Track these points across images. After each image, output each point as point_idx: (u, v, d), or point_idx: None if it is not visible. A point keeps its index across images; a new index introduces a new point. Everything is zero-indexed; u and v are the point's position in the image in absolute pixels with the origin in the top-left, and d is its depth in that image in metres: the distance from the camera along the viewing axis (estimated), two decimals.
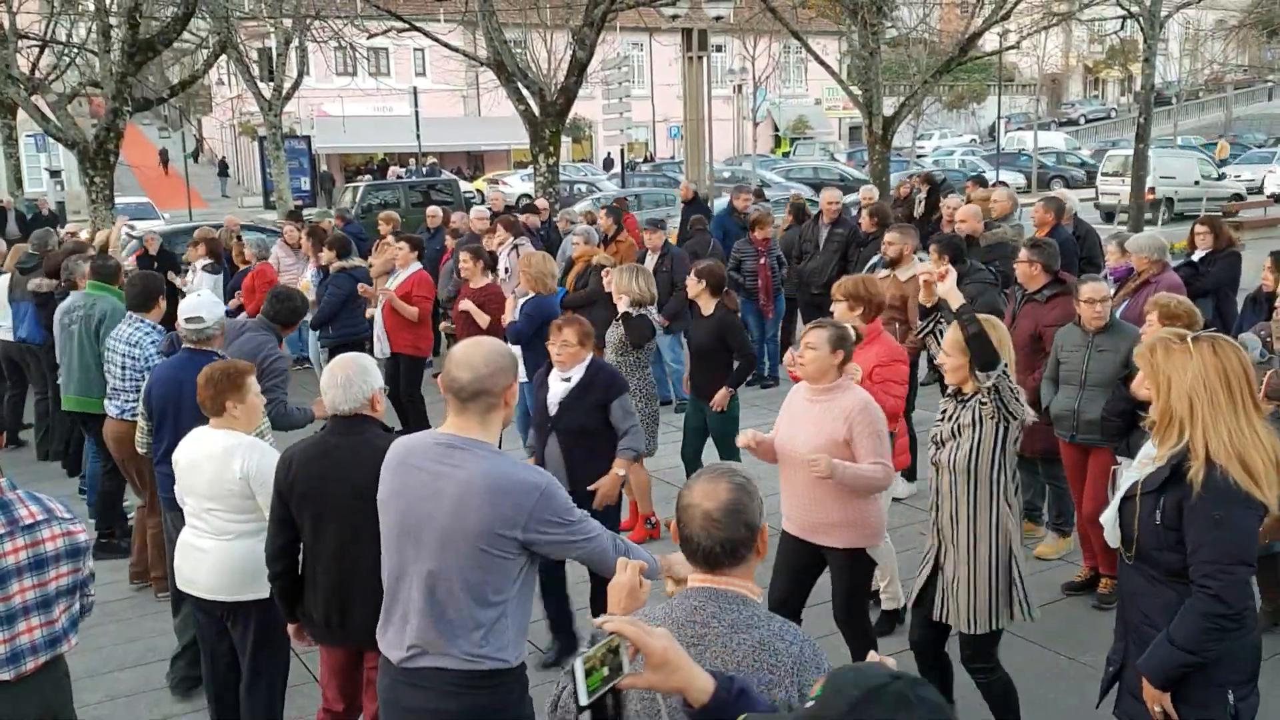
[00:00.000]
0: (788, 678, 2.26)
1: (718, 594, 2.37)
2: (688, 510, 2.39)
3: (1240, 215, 26.17)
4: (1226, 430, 3.09)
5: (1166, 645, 3.19)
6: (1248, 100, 63.14)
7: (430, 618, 3.09)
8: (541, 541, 3.10)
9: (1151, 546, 3.22)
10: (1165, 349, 3.22)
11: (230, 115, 49.19)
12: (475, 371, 3.10)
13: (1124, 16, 26.37)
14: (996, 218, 9.98)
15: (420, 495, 3.11)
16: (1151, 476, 3.21)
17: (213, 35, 21.37)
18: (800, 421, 4.67)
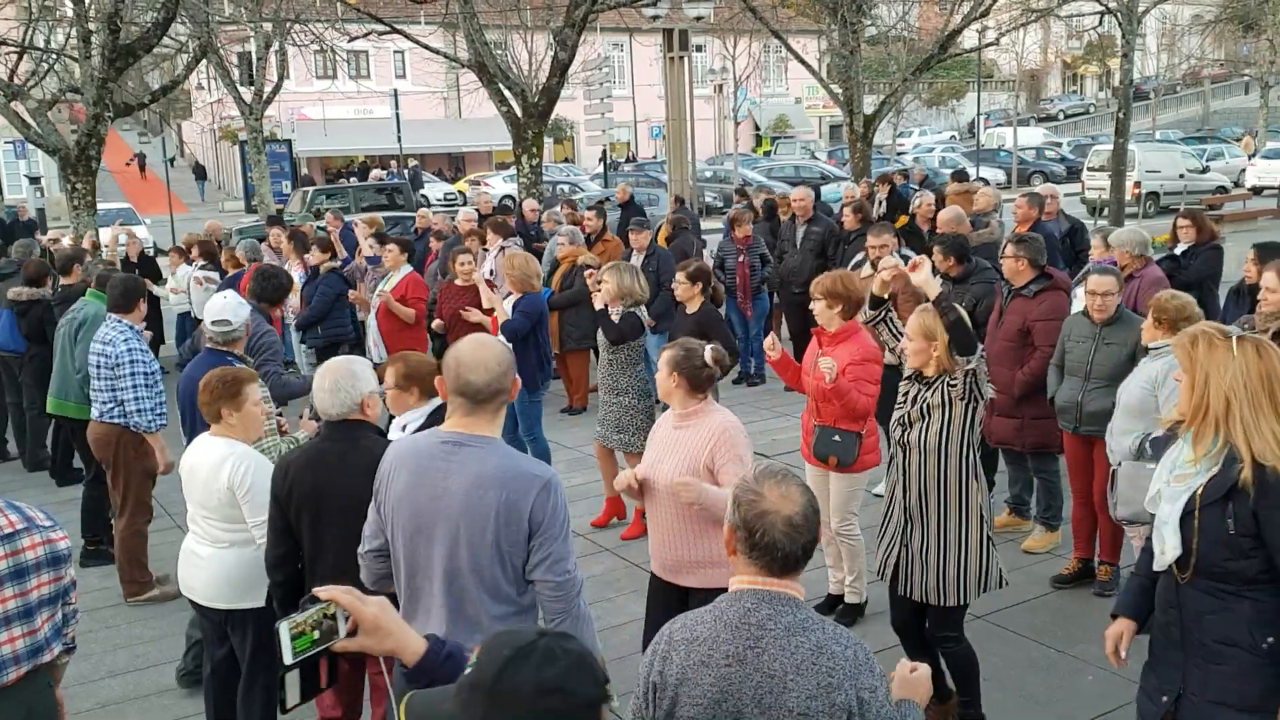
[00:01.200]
0: (847, 680, 2.27)
1: (771, 596, 2.36)
2: (765, 517, 2.34)
3: (1223, 209, 26.42)
4: (1271, 432, 2.98)
5: None
6: (1225, 94, 63.62)
7: (449, 614, 3.12)
8: (539, 544, 3.07)
9: (1223, 558, 3.01)
10: (1208, 343, 3.08)
11: (211, 120, 48.98)
12: (490, 373, 3.10)
13: (1102, 12, 26.57)
14: (977, 213, 10.03)
15: (431, 494, 3.11)
16: (1212, 485, 3.03)
17: (193, 40, 21.32)
18: (665, 449, 4.46)
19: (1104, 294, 5.85)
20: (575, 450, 9.29)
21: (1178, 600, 3.16)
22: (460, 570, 3.09)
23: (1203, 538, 3.02)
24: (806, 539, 2.36)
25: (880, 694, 2.31)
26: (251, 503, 4.28)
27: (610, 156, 33.84)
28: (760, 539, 2.34)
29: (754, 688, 2.29)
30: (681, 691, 2.36)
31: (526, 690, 1.81)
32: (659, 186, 29.43)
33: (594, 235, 11.57)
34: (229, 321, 5.48)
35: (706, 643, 2.36)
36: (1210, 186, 30.12)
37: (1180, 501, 3.09)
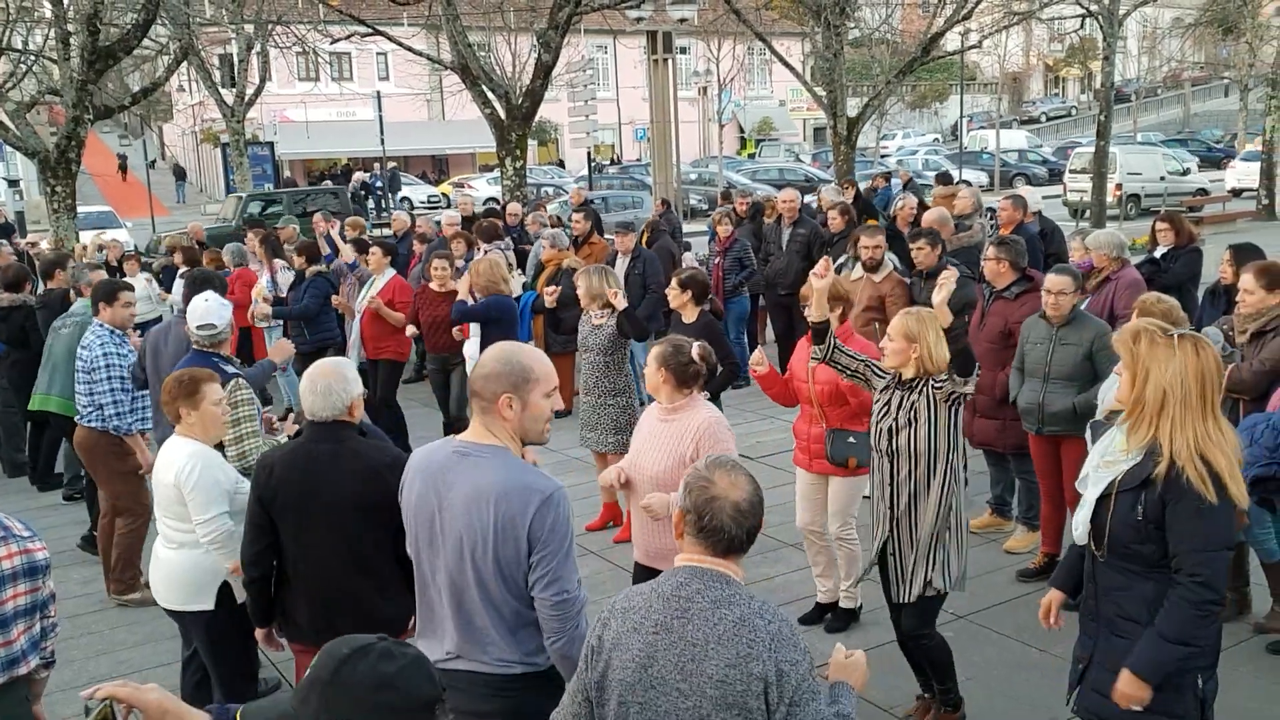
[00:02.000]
0: (765, 652, 2.38)
1: (703, 572, 2.49)
2: (715, 502, 2.49)
3: (1203, 210, 26.62)
4: (1193, 430, 3.12)
5: (1158, 641, 3.18)
6: (1205, 97, 64.03)
7: (460, 626, 3.10)
8: (537, 560, 3.01)
9: (1131, 541, 3.22)
10: (1150, 340, 3.21)
11: (192, 122, 48.77)
12: (477, 371, 3.11)
13: (1083, 15, 26.75)
14: (960, 216, 10.07)
15: (438, 505, 3.09)
16: (1130, 473, 3.22)
17: (174, 42, 21.22)
18: (650, 442, 4.59)
19: (1058, 293, 5.90)
20: (560, 453, 9.27)
21: (1094, 575, 3.41)
22: (467, 583, 3.05)
23: (1114, 520, 3.25)
24: (751, 523, 2.51)
25: (801, 668, 2.40)
26: (196, 500, 4.28)
27: (595, 159, 33.83)
28: (709, 522, 2.48)
29: (677, 655, 2.42)
30: (614, 656, 2.50)
31: (363, 685, 1.88)
32: (643, 189, 29.46)
33: (580, 238, 11.55)
34: (214, 325, 5.47)
35: (640, 611, 2.51)
36: (1191, 189, 30.32)
37: (1101, 486, 3.30)
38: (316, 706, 1.90)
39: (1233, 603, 5.69)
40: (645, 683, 2.44)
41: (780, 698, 2.36)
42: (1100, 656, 3.39)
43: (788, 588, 6.36)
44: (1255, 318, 5.44)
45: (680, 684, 2.40)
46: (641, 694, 2.44)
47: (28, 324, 8.87)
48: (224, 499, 4.32)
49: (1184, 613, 3.15)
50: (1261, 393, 5.28)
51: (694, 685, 2.39)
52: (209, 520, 4.26)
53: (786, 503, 7.77)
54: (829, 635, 5.75)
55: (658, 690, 2.42)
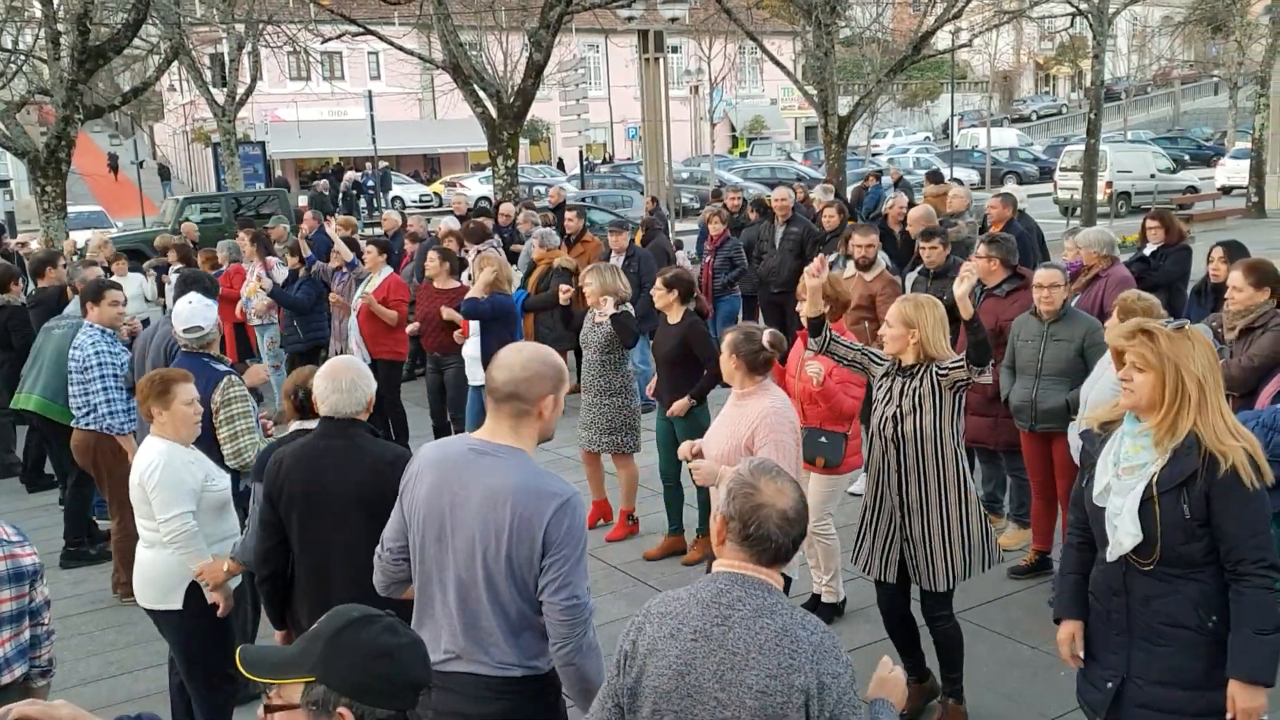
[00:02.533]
0: (807, 664, 2.32)
1: (744, 579, 2.42)
2: (761, 510, 2.40)
3: (1193, 208, 26.71)
4: (1220, 419, 3.10)
5: (1256, 639, 3.06)
6: (1194, 95, 64.19)
7: (463, 626, 3.06)
8: (550, 564, 2.97)
9: (1179, 543, 3.12)
10: (1168, 336, 3.14)
11: (183, 121, 48.64)
12: (511, 373, 3.04)
13: (1073, 14, 26.81)
14: (951, 214, 10.10)
15: (451, 502, 3.05)
16: (1167, 474, 3.12)
17: (164, 41, 21.16)
18: (721, 424, 4.78)
19: (1049, 286, 5.92)
20: (553, 453, 9.27)
21: (1124, 587, 3.25)
22: (475, 582, 3.02)
23: (1164, 523, 3.11)
24: (798, 532, 2.43)
25: (843, 681, 2.34)
26: (158, 499, 4.27)
27: (586, 157, 33.82)
28: (755, 530, 2.40)
29: (716, 663, 2.35)
30: (649, 662, 2.43)
31: (363, 649, 1.94)
32: (634, 188, 29.46)
33: (574, 236, 11.54)
34: (200, 327, 5.47)
35: (677, 617, 2.44)
36: (1181, 186, 30.41)
37: (1136, 492, 3.15)
38: (315, 659, 1.94)
39: None
40: (682, 691, 2.38)
41: (821, 711, 2.30)
42: (1140, 670, 3.26)
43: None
44: (1244, 314, 5.46)
45: (719, 693, 2.34)
46: (678, 702, 2.38)
47: (11, 324, 8.83)
48: (188, 498, 4.30)
49: (1264, 599, 3.06)
50: (1250, 388, 5.30)
51: (733, 695, 2.33)
52: (170, 519, 4.25)
53: None
54: None
55: (694, 699, 2.37)
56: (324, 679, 1.92)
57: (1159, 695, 3.22)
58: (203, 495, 4.37)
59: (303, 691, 1.94)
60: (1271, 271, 5.53)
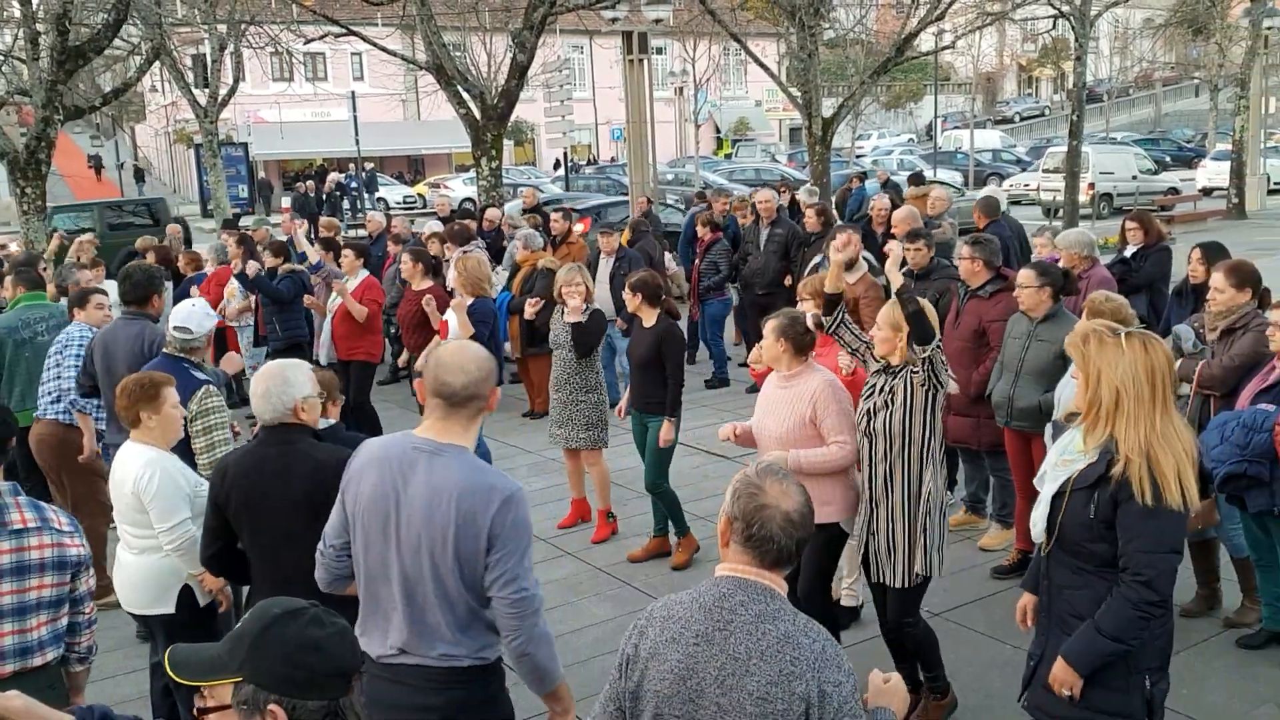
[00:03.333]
0: (809, 671, 2.31)
1: (747, 584, 2.41)
2: (765, 510, 2.40)
3: (1174, 210, 26.86)
4: (1143, 428, 3.17)
5: (1093, 633, 3.25)
6: (1176, 97, 64.59)
7: (410, 620, 3.09)
8: (495, 559, 3.02)
9: (1083, 539, 3.26)
10: (1099, 341, 3.25)
11: (164, 123, 48.39)
12: (468, 376, 3.09)
13: (1055, 16, 26.90)
14: (932, 216, 10.13)
15: (396, 499, 3.08)
16: (1085, 472, 3.26)
17: (145, 42, 21.03)
18: (771, 408, 4.95)
19: (1021, 286, 6.01)
20: (537, 454, 9.26)
21: (1047, 573, 3.48)
22: (422, 578, 3.06)
23: (1067, 517, 3.30)
24: (801, 535, 2.42)
25: (844, 690, 2.33)
26: (158, 509, 4.27)
27: (571, 159, 33.78)
28: (758, 531, 2.40)
29: (718, 668, 2.35)
30: (651, 666, 2.43)
31: (290, 644, 1.94)
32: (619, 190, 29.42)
33: (559, 238, 11.52)
34: (190, 330, 5.40)
35: (680, 621, 2.43)
36: (1162, 188, 30.58)
37: (1057, 483, 3.35)
38: (241, 659, 1.94)
39: (1204, 598, 5.77)
40: (683, 695, 2.38)
41: (821, 719, 2.30)
42: (1050, 654, 3.41)
43: None
44: (1225, 315, 5.50)
45: (720, 698, 2.34)
46: (679, 706, 2.38)
47: None
48: (185, 505, 4.30)
49: (1123, 611, 3.20)
50: (1231, 388, 5.33)
51: (734, 701, 2.32)
52: (172, 528, 4.25)
53: None
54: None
55: (695, 704, 2.36)
56: (252, 677, 1.92)
57: None
58: (194, 499, 4.35)
59: (233, 691, 1.95)
60: (1252, 273, 5.57)
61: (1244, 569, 5.60)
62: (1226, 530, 5.54)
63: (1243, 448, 4.81)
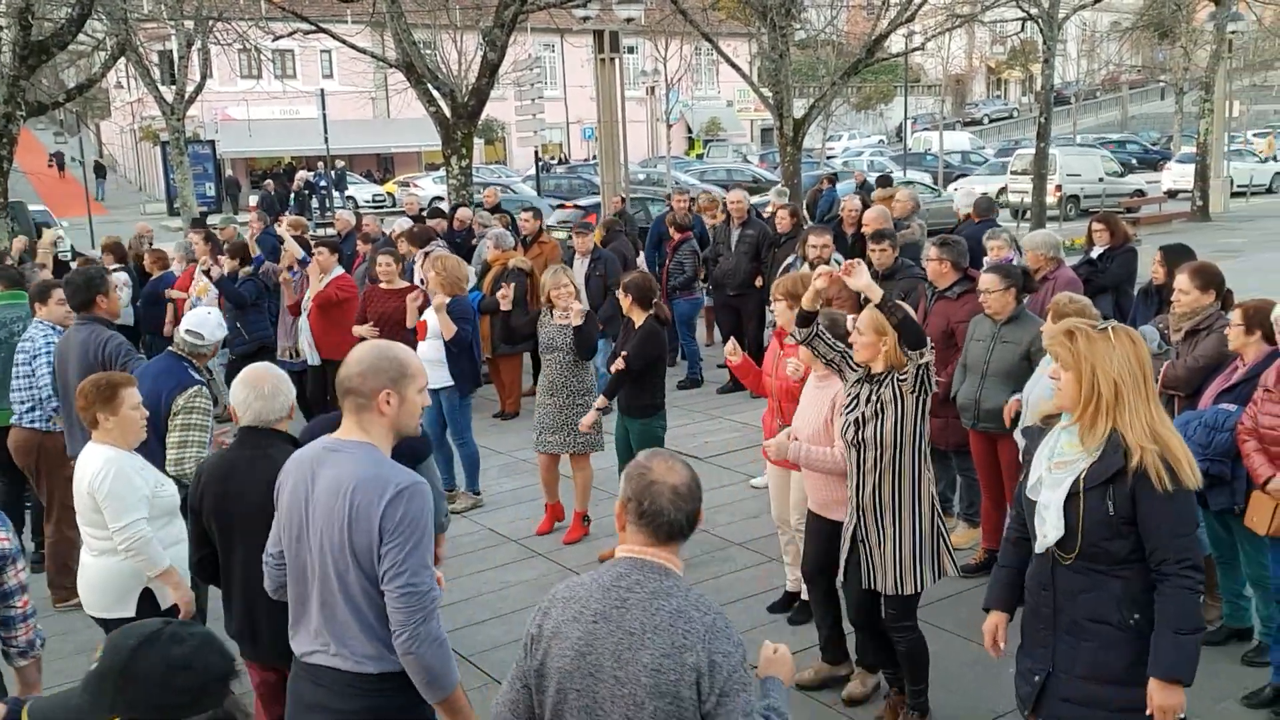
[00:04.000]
0: (699, 643, 2.44)
1: (643, 564, 2.55)
2: (654, 486, 2.54)
3: (1140, 211, 27.14)
4: (1144, 417, 3.16)
5: (1174, 638, 3.13)
6: (1142, 100, 65.28)
7: (323, 619, 3.13)
8: (385, 551, 2.98)
9: (1102, 539, 3.20)
10: (1087, 337, 3.23)
11: (131, 120, 47.89)
12: (348, 369, 3.14)
13: (1024, 18, 27.14)
14: (900, 217, 10.18)
15: (304, 500, 3.13)
16: (1094, 471, 3.20)
17: (110, 37, 20.80)
18: (805, 405, 5.17)
19: (984, 290, 6.05)
20: (508, 455, 9.23)
21: (1052, 581, 3.34)
22: (329, 575, 3.09)
23: (1087, 520, 3.19)
24: (690, 508, 2.56)
25: (734, 660, 2.46)
26: (110, 508, 4.24)
27: (542, 158, 33.71)
28: (648, 507, 2.53)
29: (614, 644, 2.47)
30: (554, 644, 2.55)
31: (157, 671, 1.89)
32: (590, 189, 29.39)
33: (529, 237, 11.47)
34: (202, 336, 5.44)
35: (580, 601, 2.57)
36: (1128, 190, 30.89)
37: (1064, 487, 3.24)
38: (112, 698, 1.89)
39: None
40: (583, 670, 2.49)
41: (712, 688, 2.42)
42: (1065, 664, 3.32)
43: (734, 586, 6.39)
44: (1190, 316, 5.56)
45: (617, 672, 2.45)
46: (579, 681, 2.50)
47: None
48: (140, 505, 4.26)
49: (1188, 600, 3.14)
50: (1195, 389, 5.40)
51: (630, 674, 2.44)
52: (124, 528, 4.21)
53: (734, 502, 7.83)
54: (791, 628, 5.85)
55: (595, 678, 2.48)
56: (128, 714, 1.88)
57: (1081, 690, 3.28)
58: (154, 500, 4.30)
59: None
60: (1216, 275, 5.64)
61: (1205, 567, 5.65)
62: None
63: (1205, 447, 4.87)
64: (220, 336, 5.61)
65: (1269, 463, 4.66)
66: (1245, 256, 19.77)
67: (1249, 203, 31.46)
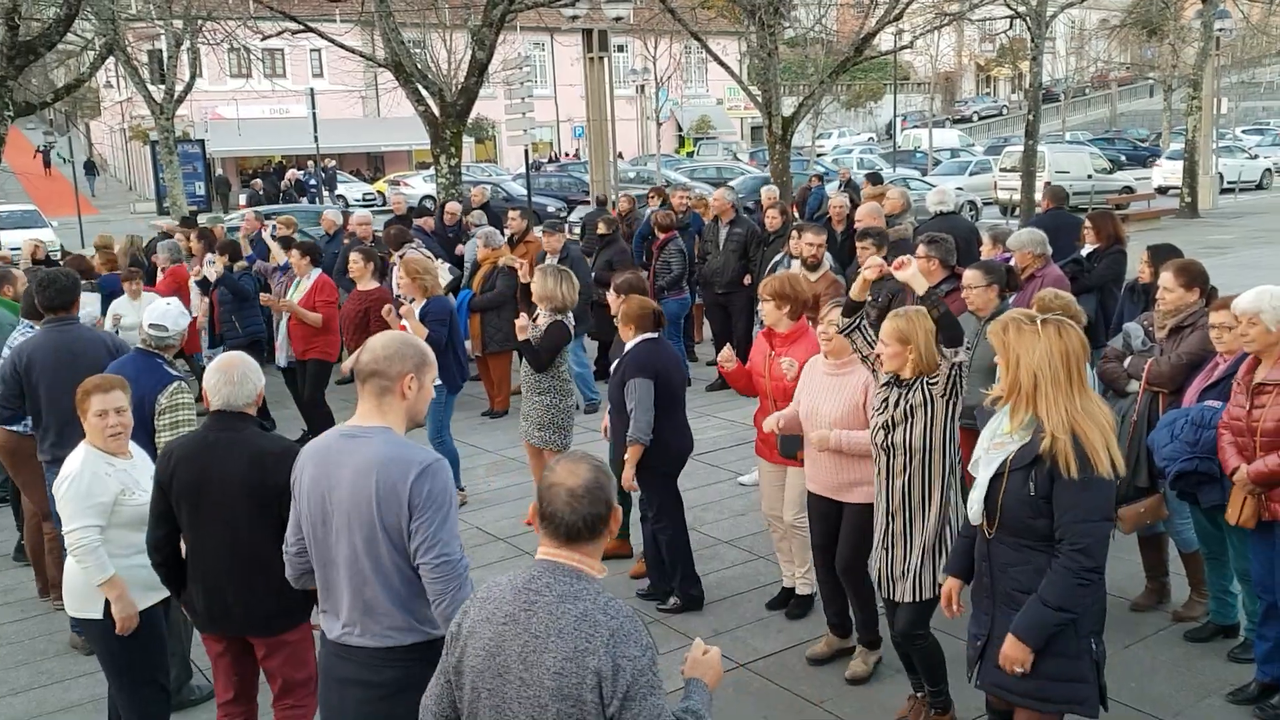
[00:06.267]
0: (603, 647, 2.45)
1: (556, 566, 2.58)
2: (551, 489, 2.58)
3: (1129, 208, 27.21)
4: (1064, 407, 3.39)
5: (1039, 607, 3.43)
6: (1131, 97, 65.52)
7: (352, 598, 3.26)
8: (417, 526, 3.14)
9: (1025, 516, 3.46)
10: (1016, 328, 3.50)
11: (120, 119, 47.74)
12: (374, 354, 3.28)
13: (1012, 16, 27.19)
14: (889, 214, 10.18)
15: (328, 485, 3.25)
16: (1021, 452, 3.47)
17: (99, 37, 20.72)
18: (823, 394, 5.14)
19: (966, 287, 6.06)
20: (496, 454, 9.24)
21: (988, 554, 3.64)
22: (357, 555, 3.22)
23: (1008, 497, 3.49)
24: (586, 510, 2.56)
25: (640, 664, 2.46)
26: (63, 510, 4.27)
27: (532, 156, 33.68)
28: (545, 509, 2.58)
29: (520, 646, 2.51)
30: (469, 644, 2.61)
31: None
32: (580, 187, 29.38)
33: (516, 236, 11.45)
34: (165, 327, 5.47)
35: (494, 602, 2.61)
36: (1117, 187, 30.99)
37: (994, 466, 3.55)
38: None
39: (1153, 592, 5.86)
40: (492, 670, 2.54)
41: (614, 691, 2.43)
42: (999, 631, 3.57)
43: (722, 584, 6.40)
44: (1174, 314, 5.57)
45: (523, 674, 2.49)
46: (490, 680, 2.55)
47: None
48: (94, 512, 4.25)
49: (1065, 580, 3.39)
50: (1179, 385, 5.41)
51: (534, 675, 2.48)
52: (71, 531, 4.23)
53: (721, 500, 7.84)
54: (790, 623, 5.88)
55: (502, 678, 2.53)
56: None
57: None
58: (117, 509, 4.30)
59: None
60: (1201, 272, 5.65)
61: (1192, 563, 5.69)
62: (1175, 525, 5.62)
63: (1193, 445, 4.88)
64: (184, 324, 5.60)
65: (1237, 453, 4.70)
66: (1234, 253, 19.87)
67: (1237, 199, 31.59)
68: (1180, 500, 5.25)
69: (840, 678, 5.25)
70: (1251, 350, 4.70)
